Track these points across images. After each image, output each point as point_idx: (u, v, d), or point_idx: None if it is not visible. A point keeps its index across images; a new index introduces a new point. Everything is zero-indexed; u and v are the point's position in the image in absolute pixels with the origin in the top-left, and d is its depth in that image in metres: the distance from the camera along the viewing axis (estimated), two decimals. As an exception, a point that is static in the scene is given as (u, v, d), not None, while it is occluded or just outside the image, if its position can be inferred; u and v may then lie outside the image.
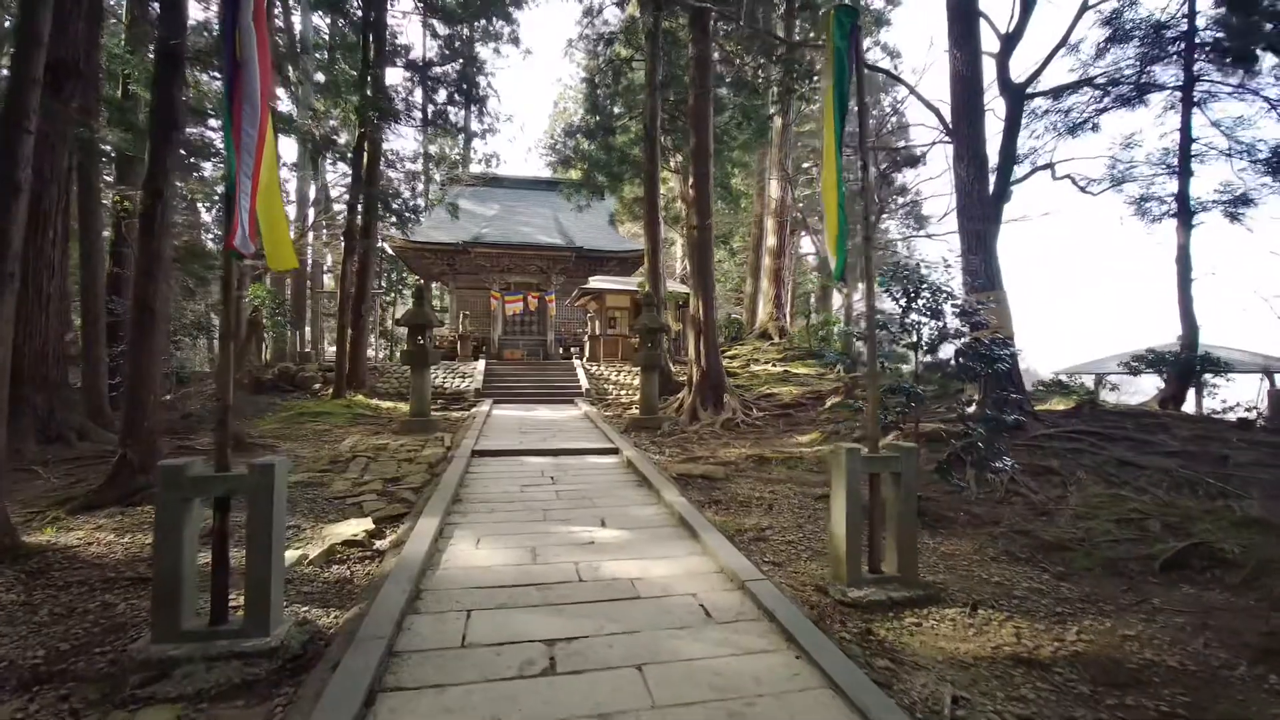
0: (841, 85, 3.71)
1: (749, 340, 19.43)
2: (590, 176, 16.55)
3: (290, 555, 4.21)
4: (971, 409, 7.88)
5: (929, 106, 9.99)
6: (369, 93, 11.84)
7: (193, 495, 2.99)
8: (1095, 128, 8.08)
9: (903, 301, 5.30)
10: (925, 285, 5.15)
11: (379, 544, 4.53)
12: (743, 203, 28.10)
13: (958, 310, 5.24)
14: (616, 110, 17.58)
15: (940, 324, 5.30)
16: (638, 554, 4.21)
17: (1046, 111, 8.38)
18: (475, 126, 40.15)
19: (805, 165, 28.94)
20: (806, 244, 29.69)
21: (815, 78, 13.46)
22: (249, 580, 2.98)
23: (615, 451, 8.11)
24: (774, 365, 15.23)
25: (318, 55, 24.15)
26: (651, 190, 14.35)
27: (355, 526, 4.72)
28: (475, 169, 33.03)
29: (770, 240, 20.23)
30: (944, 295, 5.21)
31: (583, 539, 4.53)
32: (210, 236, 23.47)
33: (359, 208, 12.81)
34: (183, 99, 6.71)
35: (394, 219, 14.20)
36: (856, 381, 10.79)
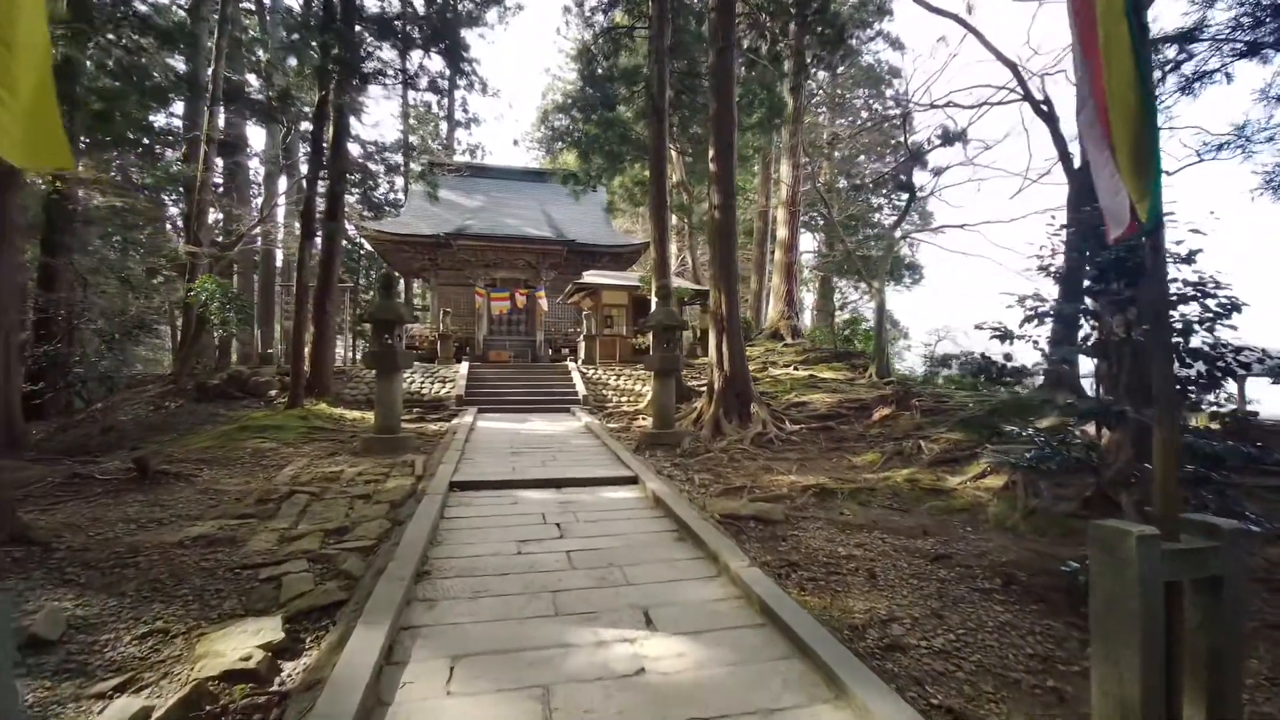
0: None
1: (759, 340, 17.78)
2: (585, 157, 14.75)
3: (121, 711, 2.42)
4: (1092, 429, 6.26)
5: (1004, 61, 8.41)
6: (334, 49, 9.96)
7: None
8: (1229, 78, 6.54)
9: (1093, 279, 3.65)
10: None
11: (284, 674, 2.74)
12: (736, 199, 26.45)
13: (1196, 292, 3.56)
14: (616, 104, 15.82)
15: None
16: (728, 703, 2.47)
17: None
18: (460, 115, 38.20)
19: (804, 162, 27.41)
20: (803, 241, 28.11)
21: (843, 43, 11.85)
22: None
23: (634, 480, 6.36)
24: (796, 368, 13.60)
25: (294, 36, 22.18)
26: (658, 169, 12.64)
27: (252, 638, 2.93)
28: (459, 160, 31.18)
29: (781, 232, 18.60)
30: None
31: (624, 663, 2.78)
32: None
33: (319, 183, 10.90)
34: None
35: (364, 201, 12.26)
36: (909, 390, 9.16)
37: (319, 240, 13.58)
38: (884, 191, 34.20)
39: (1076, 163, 8.22)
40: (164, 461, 7.35)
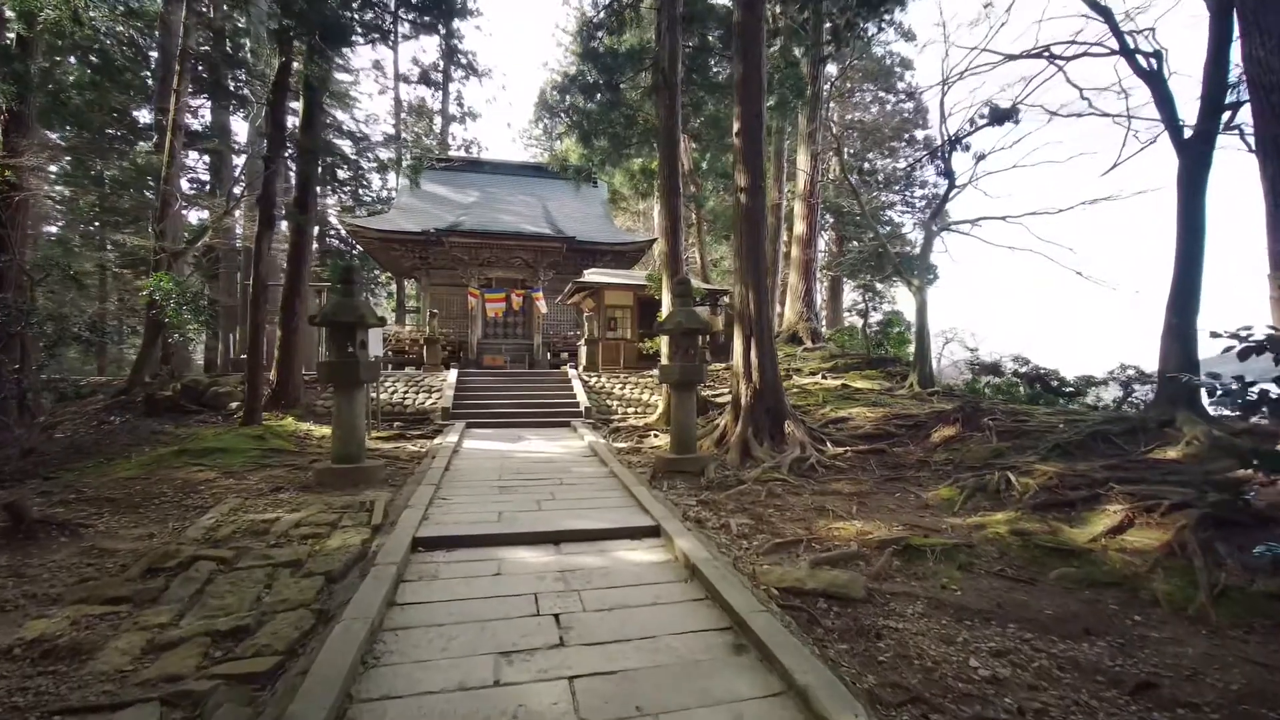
0: None
1: (776, 344, 16.30)
2: (587, 140, 13.26)
3: None
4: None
5: (1096, 8, 6.96)
6: (294, 4, 8.48)
7: None
8: None
9: None
10: None
11: None
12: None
13: None
14: (621, 83, 14.36)
15: None
16: None
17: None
18: (454, 110, 36.79)
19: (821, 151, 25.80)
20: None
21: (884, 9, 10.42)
22: None
23: (656, 532, 4.90)
24: (824, 377, 12.12)
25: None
26: (670, 152, 11.20)
27: None
28: (454, 155, 29.72)
29: (798, 227, 17.16)
30: None
31: None
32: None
33: (277, 165, 9.39)
34: None
35: (338, 188, 10.81)
36: (977, 406, 7.68)
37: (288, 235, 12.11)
38: (897, 188, 32.90)
39: (1189, 131, 6.78)
40: (61, 502, 5.89)
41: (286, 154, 9.79)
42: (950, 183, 12.24)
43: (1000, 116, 11.13)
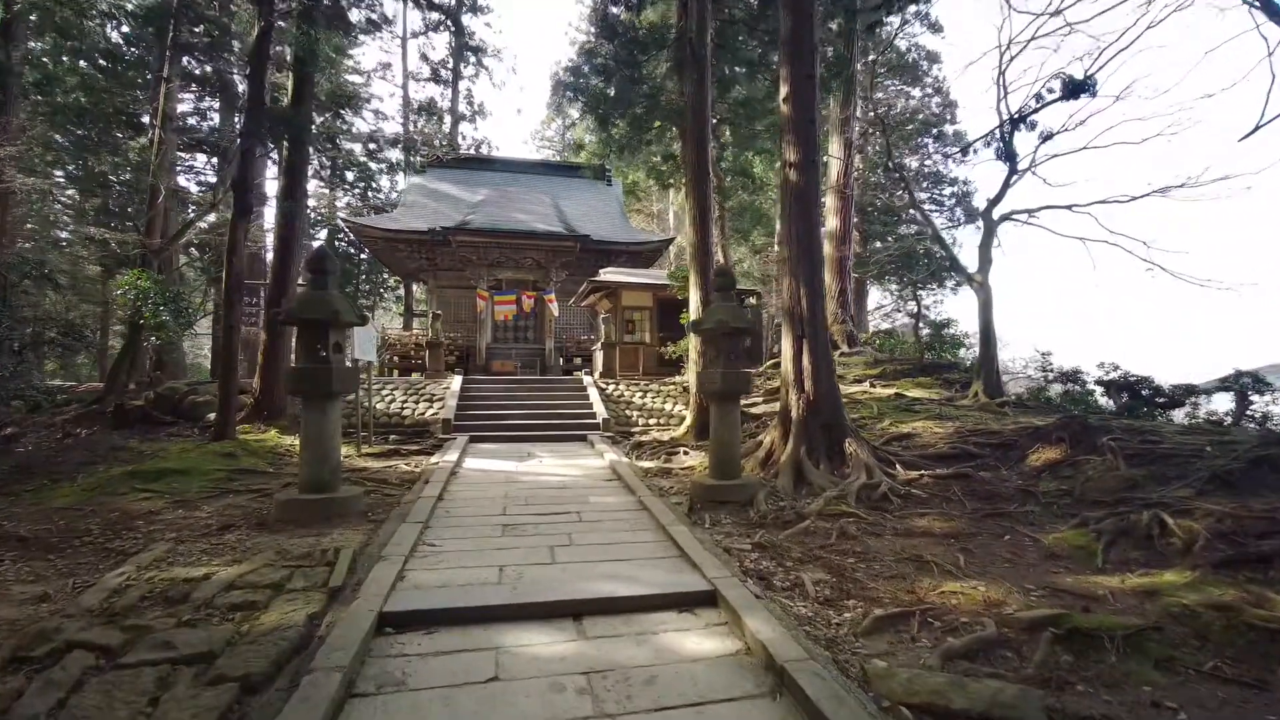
0: None
1: (809, 349, 14.93)
2: (604, 124, 12.04)
3: None
4: None
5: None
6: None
7: None
8: None
9: None
10: None
11: None
12: (759, 199, 22.78)
13: None
14: (642, 59, 13.19)
15: None
16: None
17: None
18: (464, 109, 35.91)
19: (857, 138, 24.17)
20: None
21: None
22: None
23: (711, 599, 3.62)
24: (873, 385, 10.78)
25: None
26: (699, 133, 9.98)
27: None
28: (464, 154, 28.75)
29: (830, 221, 15.85)
30: None
31: None
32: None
33: (253, 144, 8.25)
34: None
35: (348, 189, 9.67)
36: (1084, 424, 6.29)
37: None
38: (925, 184, 31.46)
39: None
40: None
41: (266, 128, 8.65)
42: (1011, 166, 10.90)
43: (1075, 89, 9.78)
